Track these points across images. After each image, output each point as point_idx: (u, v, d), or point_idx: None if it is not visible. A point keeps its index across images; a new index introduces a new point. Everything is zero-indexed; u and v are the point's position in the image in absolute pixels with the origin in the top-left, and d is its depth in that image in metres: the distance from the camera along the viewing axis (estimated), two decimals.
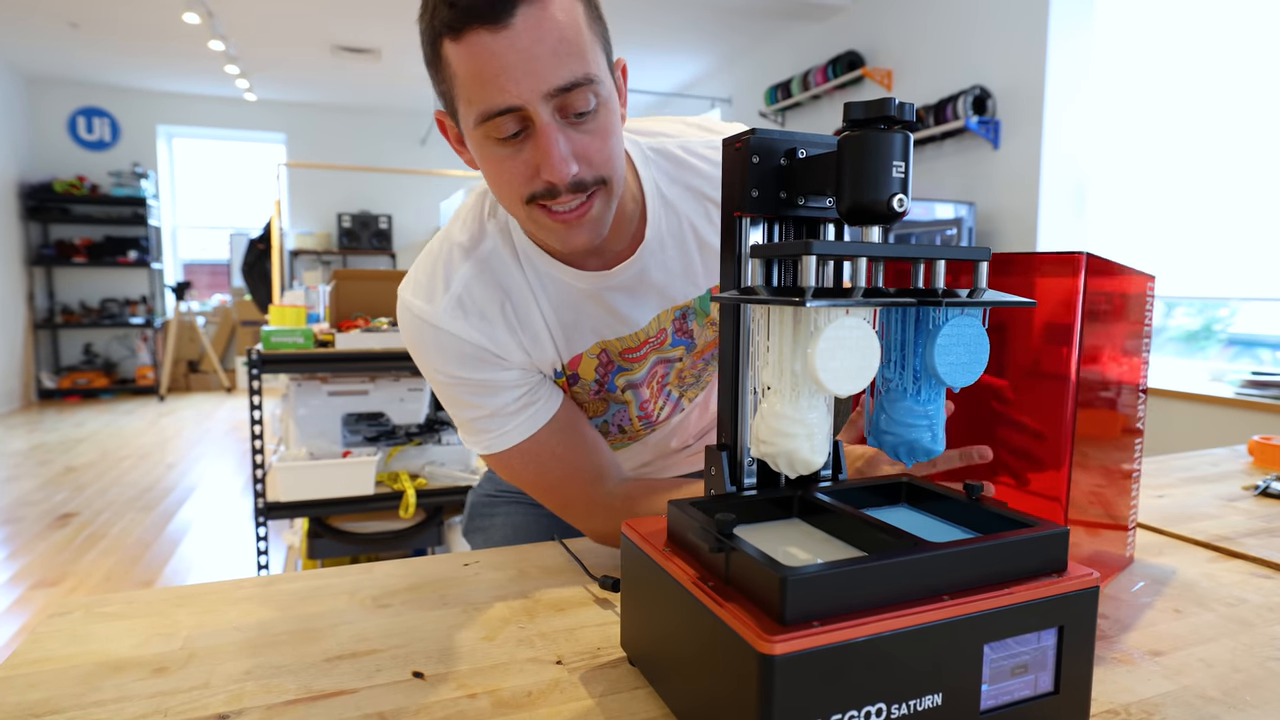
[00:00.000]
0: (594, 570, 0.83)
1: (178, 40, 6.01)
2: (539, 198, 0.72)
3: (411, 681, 0.61)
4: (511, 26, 0.65)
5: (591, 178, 0.72)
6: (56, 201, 7.32)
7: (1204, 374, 3.37)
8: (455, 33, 0.66)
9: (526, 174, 0.71)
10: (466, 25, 0.65)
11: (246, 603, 0.76)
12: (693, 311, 0.90)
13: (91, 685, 0.61)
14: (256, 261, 5.83)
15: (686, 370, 0.96)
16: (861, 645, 0.45)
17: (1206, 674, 0.63)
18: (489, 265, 0.84)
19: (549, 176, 0.70)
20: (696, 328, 0.91)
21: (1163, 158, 3.44)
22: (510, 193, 0.73)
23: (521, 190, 0.72)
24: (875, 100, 0.51)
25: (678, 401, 1.00)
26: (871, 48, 4.81)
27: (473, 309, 0.82)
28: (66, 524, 3.63)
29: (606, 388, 0.93)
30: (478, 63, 0.66)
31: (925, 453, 0.58)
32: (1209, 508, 1.09)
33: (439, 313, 0.82)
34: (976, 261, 0.55)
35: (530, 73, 0.66)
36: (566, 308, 0.86)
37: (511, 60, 0.65)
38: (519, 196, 0.73)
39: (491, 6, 0.64)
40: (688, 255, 0.87)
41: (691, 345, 0.93)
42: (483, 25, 0.65)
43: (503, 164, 0.72)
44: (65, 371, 7.57)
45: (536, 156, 0.70)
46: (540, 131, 0.69)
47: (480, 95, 0.67)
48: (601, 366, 0.90)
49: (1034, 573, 0.51)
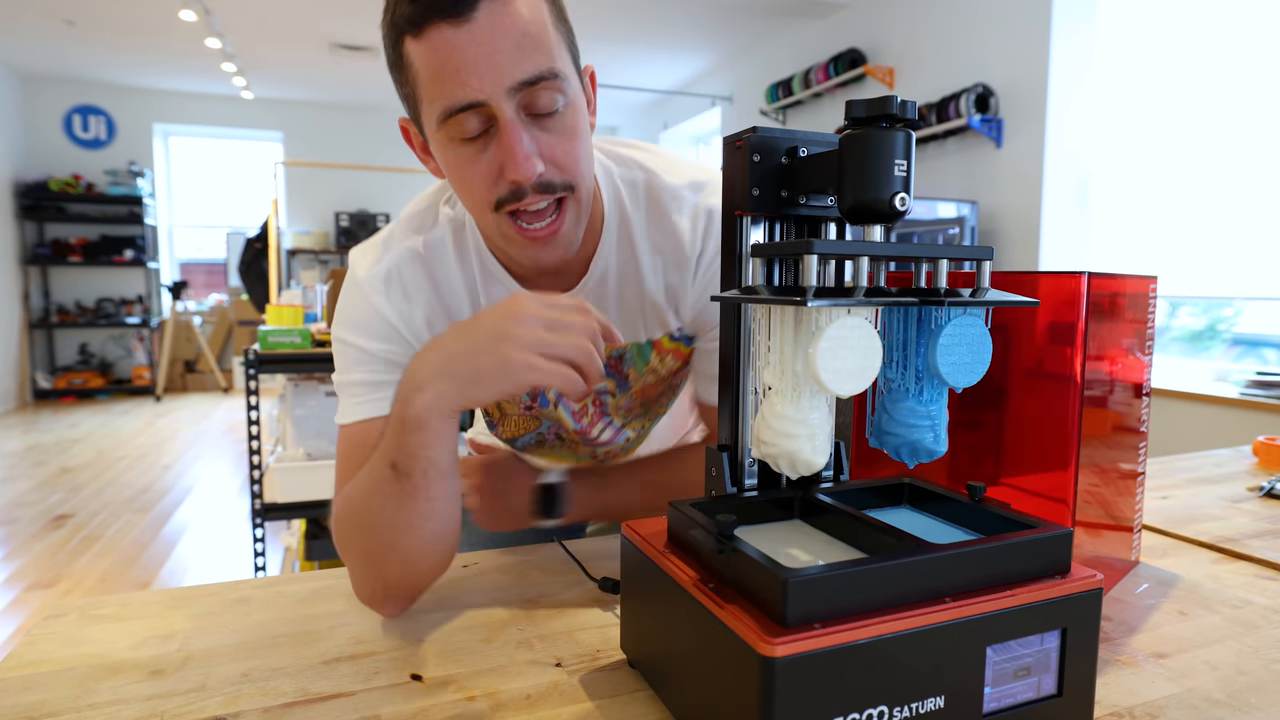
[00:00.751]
0: (594, 572, 0.83)
1: (174, 38, 6.02)
2: (506, 203, 0.70)
3: (410, 684, 0.61)
4: (473, 20, 0.64)
5: (559, 181, 0.70)
6: (52, 200, 7.32)
7: (1208, 374, 3.37)
8: (416, 29, 0.65)
9: (491, 176, 0.69)
10: (427, 20, 0.64)
11: (243, 605, 0.76)
12: (630, 357, 0.88)
13: (87, 688, 0.61)
14: (253, 261, 5.83)
15: (623, 406, 0.94)
16: (863, 647, 0.45)
17: (1211, 677, 0.63)
18: (427, 253, 0.82)
19: (513, 175, 0.67)
20: (634, 372, 0.89)
21: (1167, 155, 3.44)
22: (477, 198, 0.71)
23: (487, 195, 0.70)
24: (877, 98, 0.51)
25: (620, 429, 0.99)
26: (873, 45, 4.81)
27: (397, 286, 0.81)
28: (62, 525, 3.63)
29: (539, 403, 0.92)
30: (439, 58, 0.65)
31: (928, 453, 0.58)
32: (1214, 509, 1.09)
33: (366, 278, 0.80)
34: (979, 260, 0.55)
35: (493, 66, 0.64)
36: None
37: (473, 54, 0.64)
38: (486, 202, 0.71)
39: (452, 1, 0.63)
40: (630, 297, 0.84)
41: (625, 385, 0.91)
42: (444, 19, 0.64)
43: (467, 167, 0.70)
44: (61, 372, 7.57)
45: (501, 156, 0.68)
46: (504, 129, 0.67)
47: (441, 91, 0.66)
48: None
49: (1037, 574, 0.51)
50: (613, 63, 6.59)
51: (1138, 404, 0.81)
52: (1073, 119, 3.70)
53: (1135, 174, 3.59)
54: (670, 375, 0.89)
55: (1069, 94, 3.68)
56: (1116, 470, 0.79)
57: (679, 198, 0.81)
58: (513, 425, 0.95)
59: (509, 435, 0.99)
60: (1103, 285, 0.71)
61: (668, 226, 0.81)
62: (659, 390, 0.91)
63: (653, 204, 0.81)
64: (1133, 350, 0.79)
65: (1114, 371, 0.76)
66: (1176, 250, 3.41)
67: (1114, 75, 3.66)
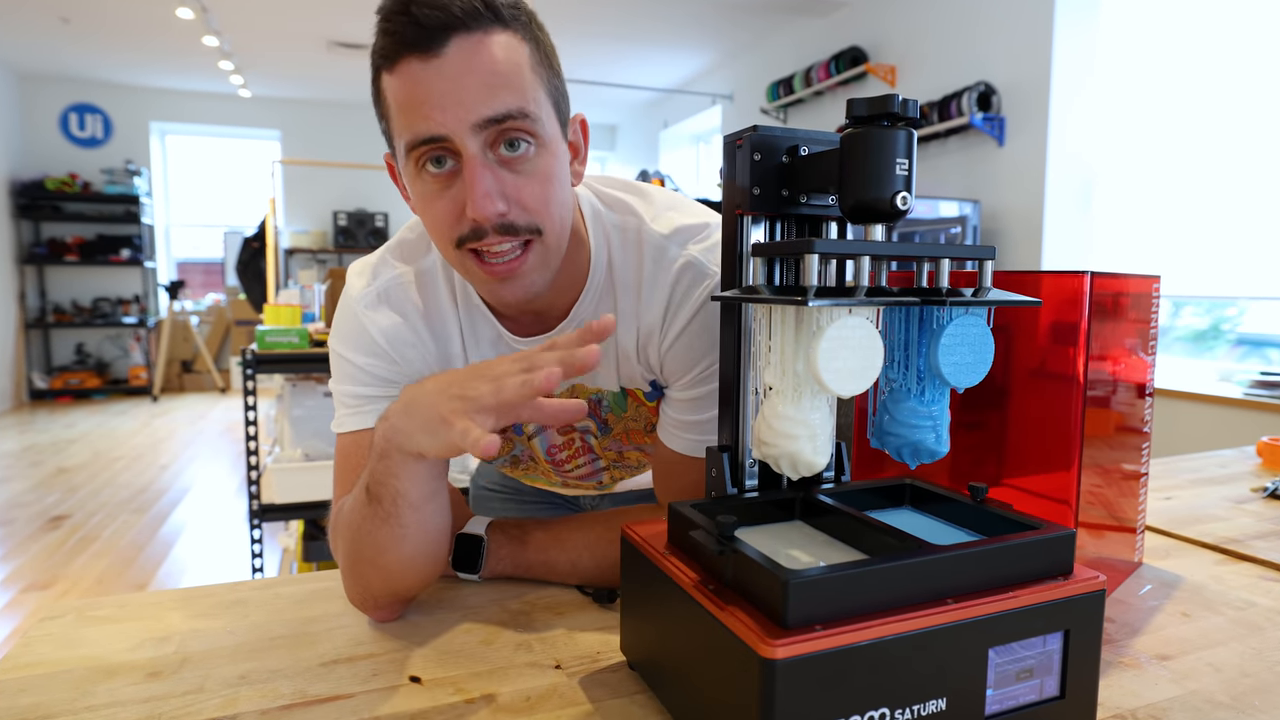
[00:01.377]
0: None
1: (171, 36, 6.01)
2: (467, 240, 0.69)
3: (408, 686, 0.61)
4: (442, 56, 0.64)
5: (524, 223, 0.69)
6: (48, 199, 7.32)
7: (1212, 374, 3.37)
8: (390, 62, 0.66)
9: (455, 212, 0.68)
10: (400, 55, 0.65)
11: (241, 606, 0.76)
12: (608, 403, 0.88)
13: (84, 690, 0.61)
14: (251, 260, 5.83)
15: (609, 447, 0.94)
16: (864, 649, 0.45)
17: (1215, 679, 0.63)
18: (418, 282, 0.83)
19: (473, 214, 0.67)
20: (612, 417, 0.89)
21: (1170, 154, 3.44)
22: (440, 234, 0.71)
23: (450, 232, 0.70)
24: (878, 96, 0.51)
25: (601, 469, 0.99)
26: (875, 43, 4.81)
27: (384, 310, 0.82)
28: (58, 526, 3.63)
29: (514, 430, 0.92)
30: (406, 90, 0.66)
31: (930, 454, 0.58)
32: (1217, 510, 1.09)
33: (358, 297, 0.82)
34: (981, 260, 0.55)
35: (458, 101, 0.64)
36: (488, 346, 0.84)
37: (439, 88, 0.64)
38: (449, 239, 0.70)
39: (425, 36, 0.64)
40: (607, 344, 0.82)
41: (605, 428, 0.91)
42: (414, 54, 0.64)
43: (432, 202, 0.69)
44: (57, 372, 7.57)
45: (463, 193, 0.67)
46: (466, 164, 0.66)
47: (408, 124, 0.66)
48: None
49: (1040, 576, 0.51)
50: (612, 61, 6.59)
51: (1141, 404, 0.81)
52: (1076, 117, 3.70)
53: (1139, 172, 3.60)
54: (649, 425, 0.89)
55: (1072, 92, 3.69)
56: (1119, 471, 0.79)
57: (663, 250, 0.79)
58: None
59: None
60: (1106, 285, 0.71)
61: (650, 278, 0.80)
62: (644, 435, 0.91)
63: (639, 254, 0.80)
64: (1136, 350, 0.79)
65: (1117, 372, 0.76)
66: (1180, 249, 3.41)
67: (1117, 73, 3.66)
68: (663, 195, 0.85)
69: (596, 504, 1.15)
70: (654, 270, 0.79)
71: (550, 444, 0.94)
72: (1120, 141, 3.67)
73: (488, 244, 0.69)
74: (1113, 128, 3.69)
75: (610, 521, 0.82)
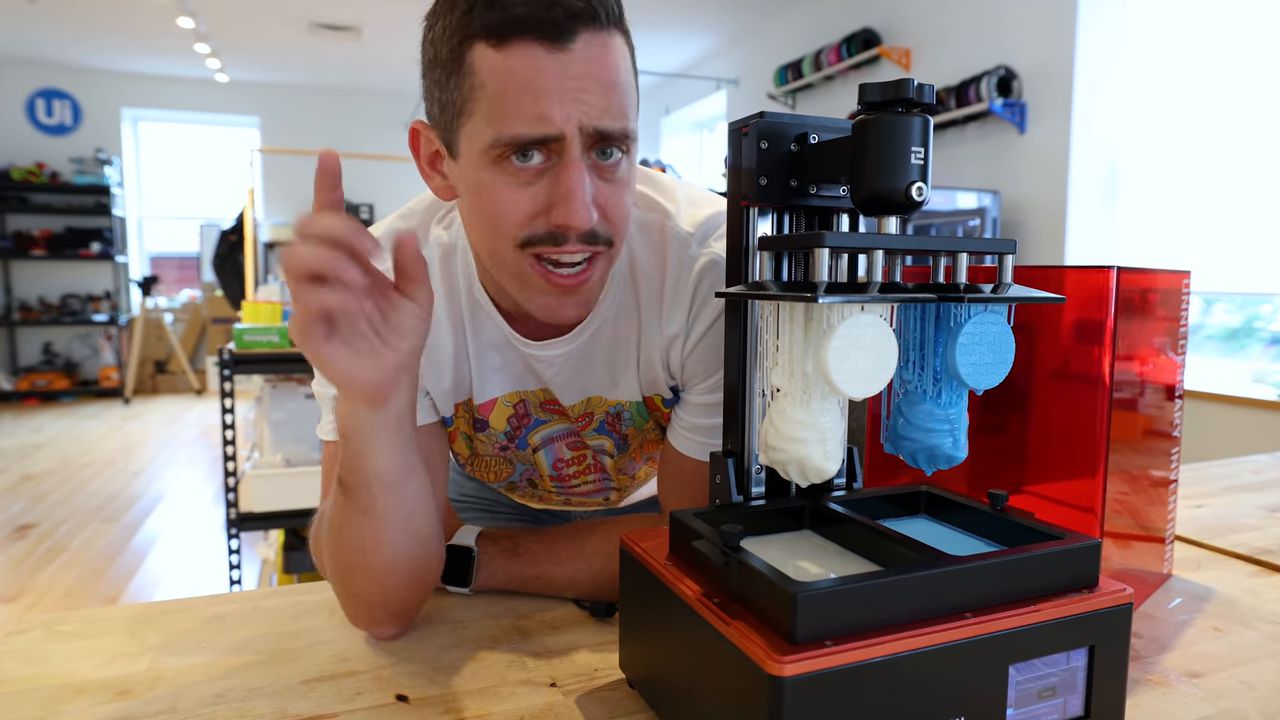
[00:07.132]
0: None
1: (144, 17, 6.02)
2: (538, 243, 0.67)
3: (395, 705, 0.62)
4: (570, 50, 0.62)
5: (604, 233, 0.68)
6: (14, 190, 7.33)
7: (1245, 375, 3.37)
8: (499, 39, 0.62)
9: (532, 211, 0.66)
10: (517, 33, 0.61)
11: (218, 621, 0.76)
12: (629, 416, 0.87)
13: (50, 710, 0.61)
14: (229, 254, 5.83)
15: (624, 468, 0.94)
16: (877, 666, 0.45)
17: (1248, 697, 0.63)
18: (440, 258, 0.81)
19: (567, 219, 0.65)
20: (633, 430, 0.88)
21: (1200, 142, 3.44)
22: (503, 230, 0.68)
23: (518, 230, 0.67)
24: (892, 81, 0.51)
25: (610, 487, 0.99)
26: (888, 25, 4.82)
27: None
28: (24, 536, 3.63)
29: (516, 444, 0.91)
30: (522, 78, 0.62)
31: (947, 459, 0.58)
32: (1251, 519, 1.09)
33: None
34: (1001, 254, 0.55)
35: (580, 103, 0.63)
36: (492, 350, 0.83)
37: (563, 85, 0.62)
38: (513, 237, 0.67)
39: (553, 22, 0.61)
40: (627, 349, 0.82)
41: (623, 445, 0.90)
42: (538, 38, 0.61)
43: (506, 194, 0.66)
44: (23, 372, 7.57)
45: (555, 195, 0.65)
46: (568, 167, 0.64)
47: (512, 111, 0.63)
48: (516, 418, 0.87)
49: (1063, 588, 0.51)
50: None
51: (1170, 407, 0.81)
52: (1101, 103, 3.70)
53: (1167, 162, 3.60)
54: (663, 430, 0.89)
55: (1097, 76, 3.69)
56: (1147, 477, 0.79)
57: (685, 249, 0.79)
58: (484, 467, 0.95)
59: (479, 478, 0.99)
60: (1133, 280, 0.71)
61: (674, 278, 0.80)
62: (658, 445, 0.91)
63: (664, 253, 0.80)
64: (1164, 350, 0.79)
65: (1144, 372, 0.76)
66: (1211, 243, 3.41)
67: (1145, 55, 3.66)
68: (678, 186, 0.85)
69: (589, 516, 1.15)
70: (677, 270, 0.79)
71: (557, 458, 0.93)
72: (1148, 128, 3.67)
73: (564, 250, 0.67)
74: (1140, 114, 3.69)
75: (608, 532, 0.82)
